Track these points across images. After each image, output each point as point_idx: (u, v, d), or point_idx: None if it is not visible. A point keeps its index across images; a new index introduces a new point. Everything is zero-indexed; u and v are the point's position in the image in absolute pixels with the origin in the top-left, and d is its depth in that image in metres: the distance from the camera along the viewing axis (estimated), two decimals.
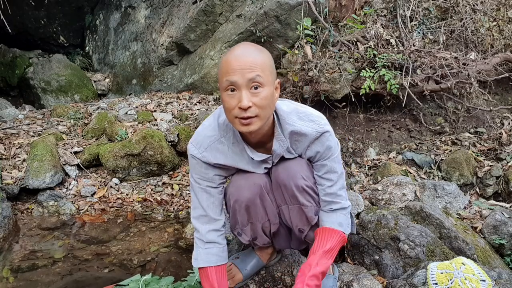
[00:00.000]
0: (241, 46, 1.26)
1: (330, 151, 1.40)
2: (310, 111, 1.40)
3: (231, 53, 1.23)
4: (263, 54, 1.25)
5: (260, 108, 1.22)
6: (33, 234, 2.35)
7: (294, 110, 1.38)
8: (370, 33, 3.29)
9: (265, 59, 1.24)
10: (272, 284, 1.73)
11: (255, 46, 1.28)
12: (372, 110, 3.41)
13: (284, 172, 1.41)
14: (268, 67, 1.24)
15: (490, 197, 2.74)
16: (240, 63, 1.19)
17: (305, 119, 1.37)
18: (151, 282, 1.58)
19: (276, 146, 1.38)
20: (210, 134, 1.41)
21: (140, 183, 2.94)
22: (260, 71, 1.20)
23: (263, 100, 1.22)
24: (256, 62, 1.20)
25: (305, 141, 1.38)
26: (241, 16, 3.91)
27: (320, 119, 1.38)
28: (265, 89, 1.22)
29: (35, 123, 3.49)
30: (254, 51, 1.24)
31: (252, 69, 1.19)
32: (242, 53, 1.22)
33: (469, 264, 1.50)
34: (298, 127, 1.35)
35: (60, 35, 5.82)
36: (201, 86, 4.14)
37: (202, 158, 1.41)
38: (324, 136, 1.37)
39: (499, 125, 3.36)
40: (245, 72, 1.19)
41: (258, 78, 1.20)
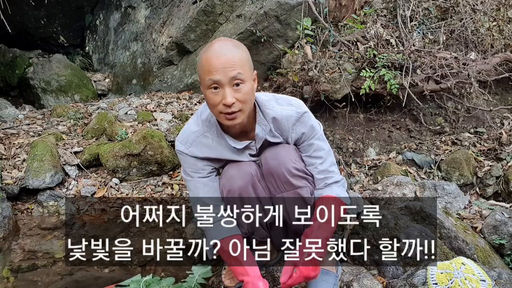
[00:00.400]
0: (219, 42, 1.30)
1: (313, 130, 1.46)
2: (287, 97, 1.48)
3: (210, 50, 1.28)
4: (240, 50, 1.31)
5: (243, 103, 1.29)
6: (33, 234, 2.35)
7: (272, 97, 1.46)
8: (370, 33, 3.29)
9: (243, 55, 1.30)
10: (272, 284, 1.72)
11: (231, 41, 1.34)
12: (372, 110, 3.41)
13: (274, 160, 1.45)
14: (246, 62, 1.30)
15: (490, 197, 2.74)
16: (221, 62, 1.24)
17: (283, 103, 1.44)
18: (152, 283, 1.58)
19: (258, 130, 1.44)
20: (194, 130, 1.48)
21: (140, 183, 2.94)
22: (240, 68, 1.26)
23: (245, 95, 1.29)
24: (236, 60, 1.26)
25: (288, 124, 1.44)
26: (241, 16, 3.91)
27: (298, 102, 1.46)
28: (246, 84, 1.28)
29: (35, 123, 3.49)
30: (232, 48, 1.29)
31: (233, 67, 1.25)
32: (221, 51, 1.26)
33: (469, 264, 1.50)
34: (278, 111, 1.43)
35: (60, 35, 5.82)
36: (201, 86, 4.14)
37: (189, 153, 1.48)
38: (305, 117, 1.44)
39: (499, 125, 3.36)
40: (227, 71, 1.24)
41: (239, 75, 1.26)
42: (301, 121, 1.44)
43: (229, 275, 1.66)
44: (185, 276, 1.73)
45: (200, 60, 1.31)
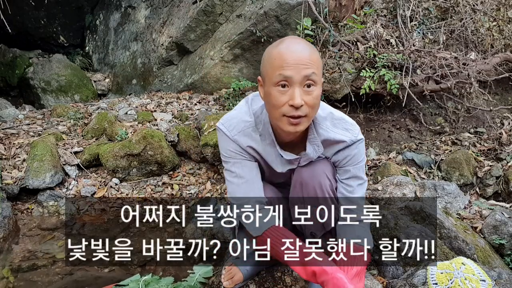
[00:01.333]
0: (293, 39, 1.19)
1: (357, 158, 1.37)
2: (345, 118, 1.36)
3: (284, 45, 1.16)
4: (315, 50, 1.19)
5: (311, 108, 1.17)
6: (33, 234, 2.35)
7: (329, 115, 1.34)
8: (370, 33, 3.29)
9: (318, 56, 1.19)
10: (272, 284, 1.72)
11: (305, 41, 1.22)
12: (372, 110, 3.41)
13: (308, 171, 1.37)
14: (320, 65, 1.19)
15: (490, 197, 2.74)
16: (296, 58, 1.13)
17: (339, 126, 1.33)
18: (151, 282, 1.59)
19: (310, 149, 1.34)
20: (246, 119, 1.36)
21: (140, 183, 2.94)
22: (316, 68, 1.15)
23: (315, 99, 1.17)
24: (313, 59, 1.15)
25: (336, 148, 1.35)
26: (241, 16, 3.91)
27: (354, 127, 1.35)
28: (317, 88, 1.17)
29: (35, 123, 3.49)
30: (308, 46, 1.18)
31: (308, 66, 1.13)
32: (297, 47, 1.15)
33: (469, 264, 1.50)
34: (332, 135, 1.32)
35: (60, 35, 5.83)
36: (201, 86, 4.14)
37: (235, 141, 1.36)
38: (356, 145, 1.34)
39: (499, 125, 3.36)
40: (301, 68, 1.13)
41: (314, 76, 1.14)
42: (350, 148, 1.34)
43: (228, 276, 1.65)
44: (185, 276, 1.73)
45: (269, 54, 1.19)
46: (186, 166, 3.13)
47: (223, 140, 1.38)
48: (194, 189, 2.89)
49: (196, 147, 3.08)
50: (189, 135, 3.14)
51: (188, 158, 3.18)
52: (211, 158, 2.92)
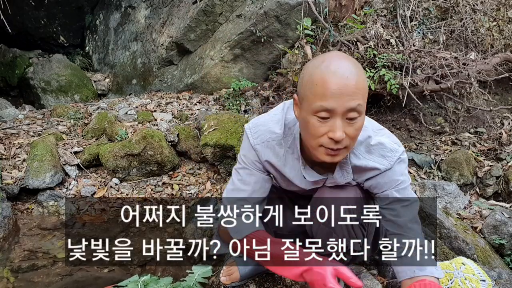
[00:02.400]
0: (339, 59, 1.04)
1: (395, 181, 1.21)
2: (384, 143, 1.20)
3: (328, 67, 1.01)
4: (362, 73, 1.04)
5: (352, 139, 1.06)
6: (33, 234, 2.35)
7: (366, 140, 1.19)
8: (370, 33, 3.29)
9: (365, 81, 1.05)
10: (272, 284, 1.72)
11: (352, 60, 1.05)
12: (372, 110, 3.41)
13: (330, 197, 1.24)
14: (367, 91, 1.05)
15: (490, 197, 2.74)
16: (342, 88, 0.99)
17: (375, 152, 1.19)
18: (150, 283, 1.58)
19: (338, 174, 1.22)
20: (274, 131, 1.24)
21: (140, 183, 2.94)
22: (361, 98, 1.02)
23: (357, 131, 1.06)
24: (359, 87, 1.01)
25: (368, 175, 1.22)
26: (241, 16, 3.91)
27: (393, 153, 1.19)
28: (361, 117, 1.05)
29: (35, 123, 3.49)
30: (355, 70, 1.01)
31: (354, 97, 1.00)
32: (343, 73, 1.00)
33: (469, 264, 1.50)
34: (364, 162, 1.19)
35: (60, 35, 5.83)
36: (201, 86, 4.14)
37: (255, 150, 1.27)
38: (391, 171, 1.19)
39: (499, 125, 3.36)
40: (346, 100, 1.00)
41: (359, 108, 1.01)
42: (384, 174, 1.20)
43: (227, 272, 1.66)
44: (185, 276, 1.73)
45: (310, 75, 1.04)
46: (186, 166, 3.13)
47: (245, 144, 1.30)
48: (194, 189, 2.89)
49: (196, 147, 3.08)
50: (189, 135, 3.13)
51: (188, 158, 3.18)
52: (211, 158, 2.92)
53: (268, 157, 1.26)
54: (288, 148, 1.24)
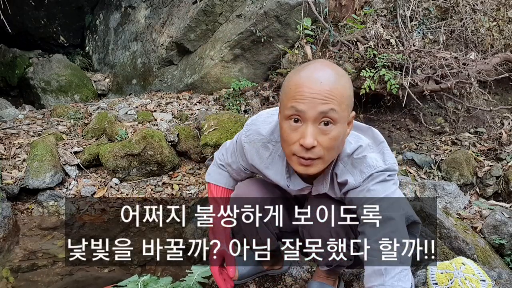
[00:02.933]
0: (317, 65, 1.02)
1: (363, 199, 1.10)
2: (367, 157, 1.10)
3: (303, 72, 1.00)
4: (343, 81, 1.00)
5: (326, 150, 1.00)
6: (33, 234, 2.35)
7: (353, 152, 1.12)
8: (370, 33, 3.29)
9: (345, 89, 1.00)
10: (272, 284, 1.73)
11: (334, 68, 1.02)
12: (372, 110, 3.41)
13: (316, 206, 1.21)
14: (346, 99, 1.00)
15: (490, 197, 2.74)
16: (314, 90, 0.96)
17: (357, 166, 1.11)
18: (150, 283, 1.58)
19: (319, 182, 1.20)
20: (260, 132, 1.23)
21: (140, 183, 2.94)
22: (337, 104, 0.97)
23: (332, 141, 1.00)
24: (334, 93, 0.97)
25: (345, 188, 1.14)
26: (241, 16, 3.91)
27: (370, 169, 1.09)
28: (337, 127, 0.99)
29: (35, 123, 3.49)
30: (332, 76, 0.99)
31: (327, 101, 0.96)
32: (317, 77, 0.97)
33: (469, 264, 1.50)
34: (344, 177, 1.12)
35: (60, 35, 5.83)
36: (201, 86, 4.14)
37: (244, 148, 1.27)
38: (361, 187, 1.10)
39: (499, 125, 3.36)
40: (318, 103, 0.96)
41: (332, 113, 0.97)
42: (359, 191, 1.11)
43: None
44: (184, 276, 1.73)
45: (288, 80, 1.03)
46: (186, 166, 3.13)
47: (238, 137, 1.32)
48: (194, 189, 2.89)
49: (196, 147, 3.08)
50: (189, 135, 3.13)
51: (188, 158, 3.18)
52: None
53: (252, 158, 1.26)
54: (275, 149, 1.21)
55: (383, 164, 1.11)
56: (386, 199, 1.08)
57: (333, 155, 1.05)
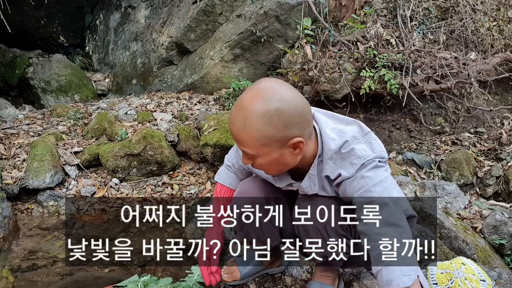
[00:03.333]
0: (239, 103, 1.06)
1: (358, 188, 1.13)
2: (355, 149, 1.14)
3: (233, 107, 1.09)
4: (254, 123, 1.01)
5: (264, 169, 1.13)
6: (33, 234, 2.35)
7: (340, 147, 1.15)
8: (370, 33, 3.29)
9: (257, 131, 1.02)
10: (272, 284, 1.72)
11: (251, 107, 1.02)
12: (372, 110, 3.41)
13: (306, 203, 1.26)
14: (260, 139, 1.03)
15: (490, 197, 2.74)
16: (232, 129, 1.08)
17: (346, 159, 1.15)
18: (150, 283, 1.59)
19: (306, 184, 1.24)
20: None
21: (140, 183, 2.94)
22: (247, 146, 1.06)
23: (261, 166, 1.12)
24: (242, 137, 1.05)
25: (337, 180, 1.19)
26: (241, 16, 3.91)
27: (360, 159, 1.13)
28: (259, 159, 1.09)
29: (35, 123, 3.49)
30: (241, 121, 1.03)
31: (240, 141, 1.07)
32: (231, 118, 1.07)
33: (469, 264, 1.50)
34: (330, 172, 1.17)
35: (60, 35, 5.82)
36: (201, 86, 4.14)
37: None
38: (355, 177, 1.14)
39: (499, 125, 3.36)
40: (237, 143, 1.09)
41: (248, 151, 1.07)
42: (349, 181, 1.15)
43: (228, 271, 1.66)
44: (184, 276, 1.73)
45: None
46: (186, 166, 3.13)
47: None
48: (194, 189, 2.89)
49: (196, 147, 3.08)
50: (189, 135, 3.13)
51: (188, 158, 3.18)
52: (211, 158, 2.92)
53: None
54: None
55: (371, 153, 1.16)
56: (379, 184, 1.12)
57: (281, 169, 1.15)
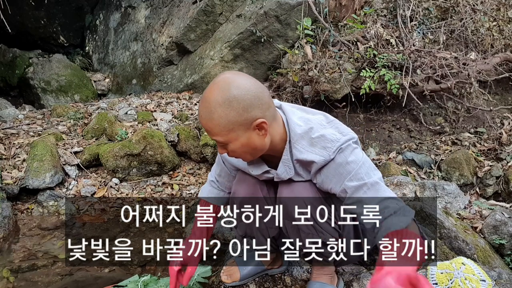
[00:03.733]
0: (205, 95, 1.10)
1: (345, 174, 1.16)
2: (325, 134, 1.18)
3: (200, 101, 1.13)
4: (219, 110, 1.06)
5: (240, 154, 1.17)
6: (33, 234, 2.35)
7: (307, 131, 1.19)
8: (370, 33, 3.29)
9: (221, 118, 1.07)
10: (272, 284, 1.72)
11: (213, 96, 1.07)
12: (372, 110, 3.41)
13: (287, 191, 1.29)
14: (226, 125, 1.08)
15: (490, 197, 2.74)
16: (202, 124, 1.13)
17: (317, 145, 1.18)
18: (150, 283, 1.59)
19: (281, 170, 1.26)
20: None
21: (140, 183, 2.94)
22: (217, 133, 1.10)
23: (235, 153, 1.16)
24: (210, 126, 1.10)
25: (313, 168, 1.21)
26: (241, 16, 3.91)
27: (334, 143, 1.16)
28: (230, 145, 1.13)
29: (35, 123, 3.49)
30: (206, 111, 1.08)
31: (210, 132, 1.12)
32: (199, 111, 1.12)
33: (469, 264, 1.50)
34: (305, 156, 1.19)
35: (60, 35, 5.82)
36: (201, 86, 4.14)
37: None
38: (334, 162, 1.16)
39: (499, 125, 3.36)
40: (207, 131, 1.13)
41: (219, 139, 1.12)
42: (328, 166, 1.18)
43: (228, 272, 1.66)
44: None
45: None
46: (186, 166, 3.13)
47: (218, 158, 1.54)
48: (194, 189, 2.89)
49: (196, 147, 3.08)
50: (189, 135, 3.13)
51: (188, 158, 3.18)
52: (211, 158, 2.92)
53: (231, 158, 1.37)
54: None
55: (341, 136, 1.19)
56: (363, 166, 1.17)
57: (250, 155, 1.18)
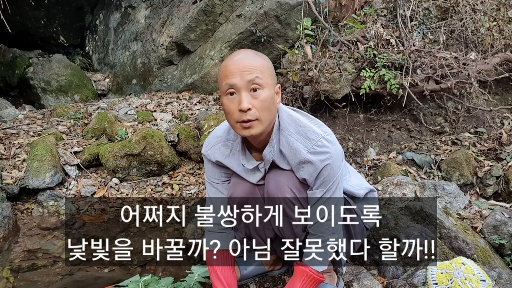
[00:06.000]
0: (240, 51, 1.28)
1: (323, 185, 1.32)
2: (311, 127, 1.32)
3: (229, 58, 1.26)
4: (261, 57, 1.27)
5: (261, 111, 1.22)
6: (33, 234, 2.35)
7: (295, 121, 1.33)
8: (370, 33, 3.29)
9: (264, 62, 1.25)
10: (272, 284, 1.73)
11: (253, 51, 1.30)
12: (372, 110, 3.41)
13: (273, 183, 1.37)
14: (267, 69, 1.25)
15: (490, 197, 2.74)
16: (239, 66, 1.20)
17: (302, 134, 1.31)
18: (151, 283, 1.59)
19: (267, 151, 1.34)
20: (218, 135, 1.45)
21: (140, 183, 2.94)
22: (259, 72, 1.21)
23: (263, 103, 1.22)
24: (255, 64, 1.22)
25: (295, 159, 1.31)
26: (241, 16, 3.91)
27: (317, 135, 1.29)
28: (265, 91, 1.22)
29: (35, 123, 3.49)
30: (252, 55, 1.26)
31: (251, 71, 1.20)
32: (240, 57, 1.24)
33: (469, 264, 1.50)
34: (291, 140, 1.30)
35: (60, 35, 5.82)
36: (201, 86, 4.14)
37: (207, 156, 1.47)
38: (317, 169, 1.28)
39: (499, 125, 3.36)
40: (244, 74, 1.19)
41: (257, 80, 1.20)
42: (311, 167, 1.29)
43: None
44: (185, 276, 1.73)
45: (220, 68, 1.28)
46: (186, 166, 3.13)
47: (204, 163, 1.54)
48: (194, 189, 2.89)
49: (196, 147, 3.08)
50: (189, 135, 3.13)
51: (188, 158, 3.18)
52: None
53: (216, 157, 1.45)
54: (234, 145, 1.41)
55: (321, 131, 1.32)
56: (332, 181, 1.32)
57: (268, 116, 1.25)
